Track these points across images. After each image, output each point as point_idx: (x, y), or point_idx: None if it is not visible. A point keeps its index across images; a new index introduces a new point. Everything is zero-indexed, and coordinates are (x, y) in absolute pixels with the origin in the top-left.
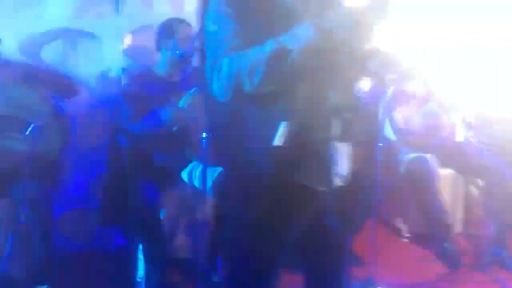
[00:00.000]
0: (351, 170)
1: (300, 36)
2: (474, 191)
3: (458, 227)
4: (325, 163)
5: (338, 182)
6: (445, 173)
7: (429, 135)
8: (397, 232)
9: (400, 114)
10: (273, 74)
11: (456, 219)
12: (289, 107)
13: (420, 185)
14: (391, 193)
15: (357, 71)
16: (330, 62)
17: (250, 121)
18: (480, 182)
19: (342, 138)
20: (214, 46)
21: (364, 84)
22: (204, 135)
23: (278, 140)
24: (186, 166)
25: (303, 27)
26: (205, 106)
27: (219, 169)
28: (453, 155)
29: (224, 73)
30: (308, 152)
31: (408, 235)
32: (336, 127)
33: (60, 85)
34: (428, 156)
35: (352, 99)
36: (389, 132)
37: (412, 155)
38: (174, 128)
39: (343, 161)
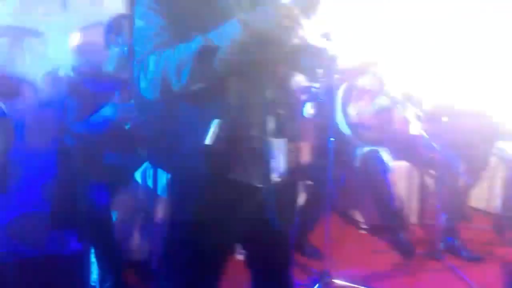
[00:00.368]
0: (288, 166)
1: (228, 33)
2: (428, 182)
3: (413, 218)
4: (261, 159)
5: (275, 178)
6: (400, 165)
7: (382, 129)
8: (355, 224)
9: (354, 109)
10: (201, 72)
11: (411, 210)
12: (222, 104)
13: (373, 177)
14: (347, 186)
15: (289, 67)
16: (260, 58)
17: (182, 119)
18: (433, 173)
19: (277, 134)
20: (141, 43)
21: (300, 80)
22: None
23: (211, 138)
24: (139, 166)
25: (230, 23)
26: (135, 104)
27: None
28: (406, 148)
29: (151, 71)
30: (243, 149)
31: (365, 226)
32: (270, 123)
33: (1, 85)
34: (382, 149)
35: (285, 95)
36: (343, 127)
37: (366, 149)
38: (127, 127)
39: (280, 157)
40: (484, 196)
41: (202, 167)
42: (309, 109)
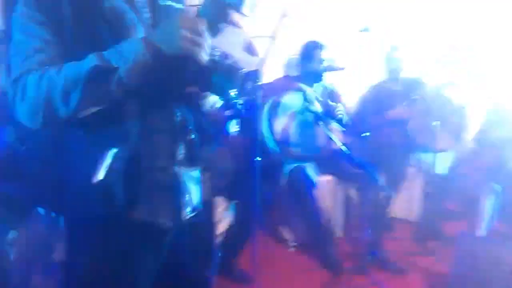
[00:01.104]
0: (203, 199)
1: (129, 52)
2: (352, 195)
3: (339, 232)
4: (169, 193)
5: (187, 214)
6: (325, 180)
7: (307, 145)
8: (283, 242)
9: (279, 125)
10: (95, 95)
11: (337, 224)
12: (119, 131)
13: (300, 194)
14: (275, 204)
15: (200, 87)
16: (166, 78)
17: (71, 149)
18: (356, 187)
19: (188, 163)
20: (19, 59)
21: (213, 100)
22: None
23: (105, 171)
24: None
25: (131, 41)
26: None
27: None
28: (330, 163)
29: (30, 94)
30: (147, 183)
31: (294, 244)
32: (180, 151)
33: None
34: (307, 165)
35: (197, 117)
36: (270, 144)
37: (291, 166)
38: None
39: (193, 190)
40: (404, 206)
41: (96, 207)
42: (233, 127)
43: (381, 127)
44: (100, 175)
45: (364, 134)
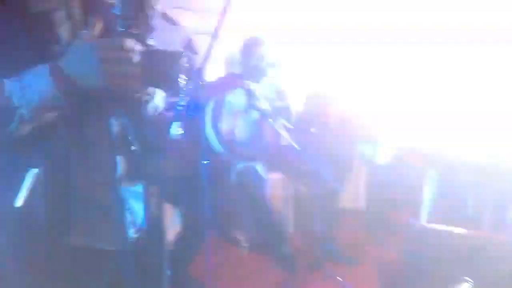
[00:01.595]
0: (151, 217)
1: (32, 92)
2: (302, 191)
3: (291, 229)
4: (108, 213)
5: (131, 235)
6: (275, 178)
7: (255, 143)
8: (237, 244)
9: (225, 125)
10: None
11: (289, 221)
12: (42, 148)
13: (250, 194)
14: (226, 206)
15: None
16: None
17: None
18: (306, 182)
19: (130, 178)
20: None
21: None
22: None
23: (26, 195)
24: None
25: (38, 75)
26: None
27: None
28: (279, 160)
29: None
30: (82, 202)
31: (247, 245)
32: (120, 166)
33: None
34: (256, 164)
35: (138, 125)
36: (216, 145)
37: (240, 165)
38: None
39: (135, 207)
40: (352, 197)
41: (22, 233)
42: (177, 130)
43: (326, 122)
44: (21, 200)
45: (312, 129)
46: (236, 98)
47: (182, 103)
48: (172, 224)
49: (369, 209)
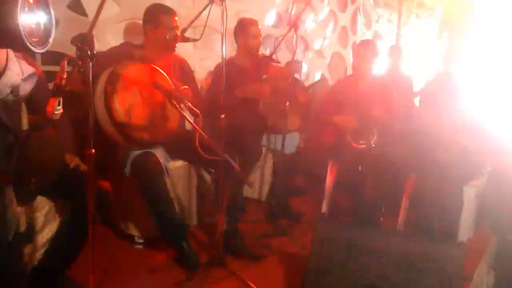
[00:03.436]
0: None
1: None
2: (207, 180)
3: (194, 222)
4: None
5: None
6: (177, 165)
7: (155, 128)
8: (130, 239)
9: (120, 105)
10: None
11: (192, 213)
12: None
13: (147, 183)
14: (119, 196)
15: None
16: None
17: None
18: (211, 171)
19: None
20: None
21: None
22: None
23: None
24: None
25: None
26: None
27: None
28: (182, 147)
29: None
30: None
31: (141, 241)
32: None
33: None
34: (155, 150)
35: None
36: (108, 127)
37: (136, 152)
38: None
39: None
40: (256, 186)
41: None
42: (55, 107)
43: (233, 107)
44: None
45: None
46: (133, 73)
47: (64, 75)
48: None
49: (273, 198)
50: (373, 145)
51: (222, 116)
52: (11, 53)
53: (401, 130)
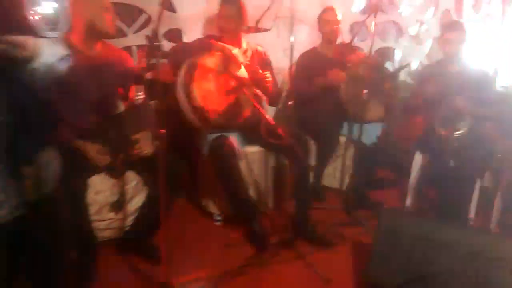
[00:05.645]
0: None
1: None
2: (281, 166)
3: (267, 205)
4: None
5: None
6: (253, 151)
7: (230, 113)
8: (209, 216)
9: (198, 91)
10: None
11: (266, 197)
12: None
13: (222, 165)
14: (200, 176)
15: None
16: None
17: None
18: (285, 158)
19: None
20: None
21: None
22: None
23: None
24: None
25: None
26: None
27: None
28: (256, 133)
29: None
30: None
31: (219, 218)
32: None
33: None
34: (230, 135)
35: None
36: (187, 112)
37: (213, 135)
38: None
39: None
40: (335, 175)
41: None
42: (137, 93)
43: (313, 95)
44: None
45: (290, 103)
46: (211, 62)
47: (144, 65)
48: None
49: (352, 188)
50: (462, 134)
51: (290, 103)
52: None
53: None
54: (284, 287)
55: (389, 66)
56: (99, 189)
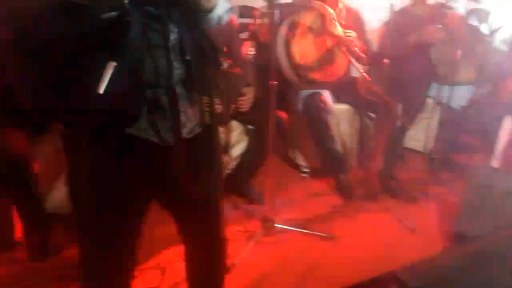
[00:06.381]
0: (200, 119)
1: None
2: (368, 124)
3: (353, 160)
4: (166, 112)
5: (185, 133)
6: (342, 108)
7: (325, 71)
8: (297, 168)
9: (297, 49)
10: None
11: (352, 152)
12: (119, 45)
13: (315, 120)
14: (291, 129)
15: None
16: None
17: (77, 63)
18: (372, 116)
19: (186, 85)
20: None
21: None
22: None
23: (104, 85)
24: None
25: None
26: None
27: None
28: (348, 90)
29: None
30: (145, 98)
31: (307, 170)
32: (175, 71)
33: None
34: (324, 92)
35: (196, 36)
36: (286, 68)
37: (308, 92)
38: None
39: (189, 112)
40: (420, 137)
41: (95, 121)
42: (249, 49)
43: (403, 54)
44: (101, 88)
45: (385, 61)
46: (310, 20)
47: (256, 23)
48: (240, 138)
49: (437, 150)
50: None
51: (385, 60)
52: None
53: None
54: (370, 233)
55: (484, 28)
56: None
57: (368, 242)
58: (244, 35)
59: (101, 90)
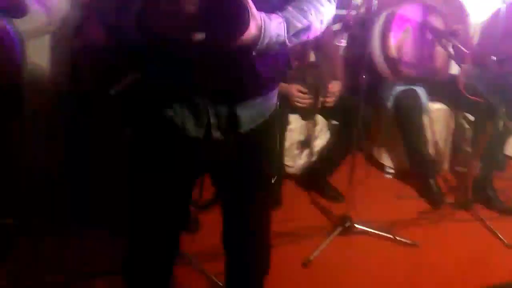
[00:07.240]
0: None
1: None
2: (465, 127)
3: (445, 164)
4: (197, 108)
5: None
6: (436, 108)
7: (422, 66)
8: (381, 168)
9: (393, 42)
10: None
11: (444, 156)
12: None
13: (407, 119)
14: (377, 127)
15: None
16: None
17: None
18: (470, 118)
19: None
20: None
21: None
22: None
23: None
24: None
25: None
26: None
27: None
28: (446, 88)
29: None
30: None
31: (391, 171)
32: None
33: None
34: (418, 89)
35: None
36: (380, 62)
37: (401, 88)
38: None
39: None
40: None
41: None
42: (340, 41)
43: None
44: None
45: (492, 58)
46: (409, 12)
47: (352, 13)
48: (323, 133)
49: None
50: None
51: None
52: None
53: None
54: (458, 245)
55: None
56: (292, 127)
57: (456, 255)
58: (336, 26)
59: (112, 92)
